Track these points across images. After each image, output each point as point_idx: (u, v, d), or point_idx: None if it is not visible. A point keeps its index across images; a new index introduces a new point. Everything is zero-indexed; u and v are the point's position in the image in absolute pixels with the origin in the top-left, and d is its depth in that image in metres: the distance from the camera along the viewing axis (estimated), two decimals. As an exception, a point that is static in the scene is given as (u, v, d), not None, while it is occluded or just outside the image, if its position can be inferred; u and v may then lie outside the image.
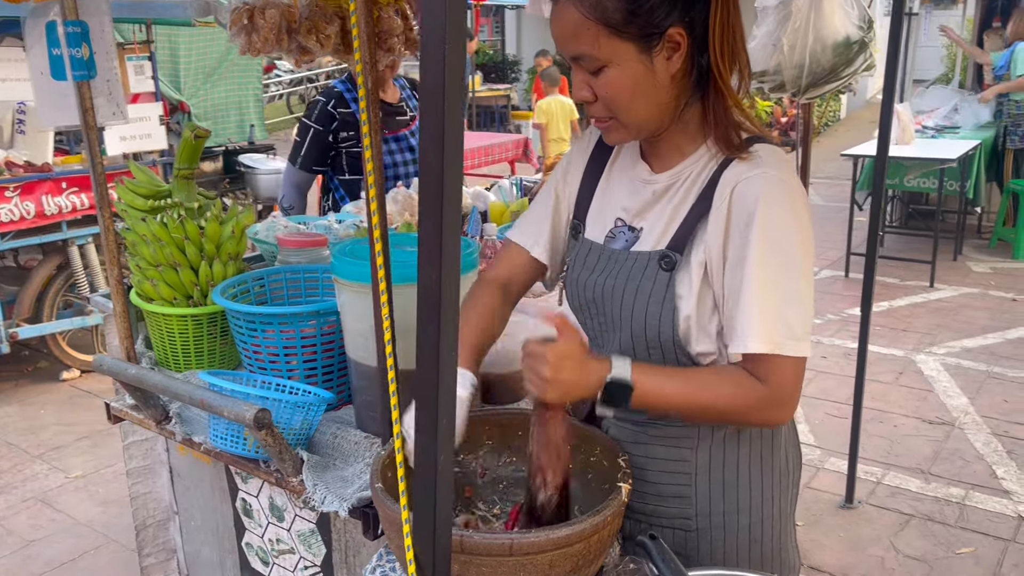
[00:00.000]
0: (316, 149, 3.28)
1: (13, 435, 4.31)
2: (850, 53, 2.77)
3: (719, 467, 1.43)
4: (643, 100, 1.28)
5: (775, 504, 1.47)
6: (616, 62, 1.25)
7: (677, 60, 1.26)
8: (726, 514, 1.44)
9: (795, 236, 1.25)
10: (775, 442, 1.47)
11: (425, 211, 0.99)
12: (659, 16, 1.22)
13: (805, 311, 1.26)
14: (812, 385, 4.60)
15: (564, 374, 1.25)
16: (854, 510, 3.42)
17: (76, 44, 1.83)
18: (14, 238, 4.62)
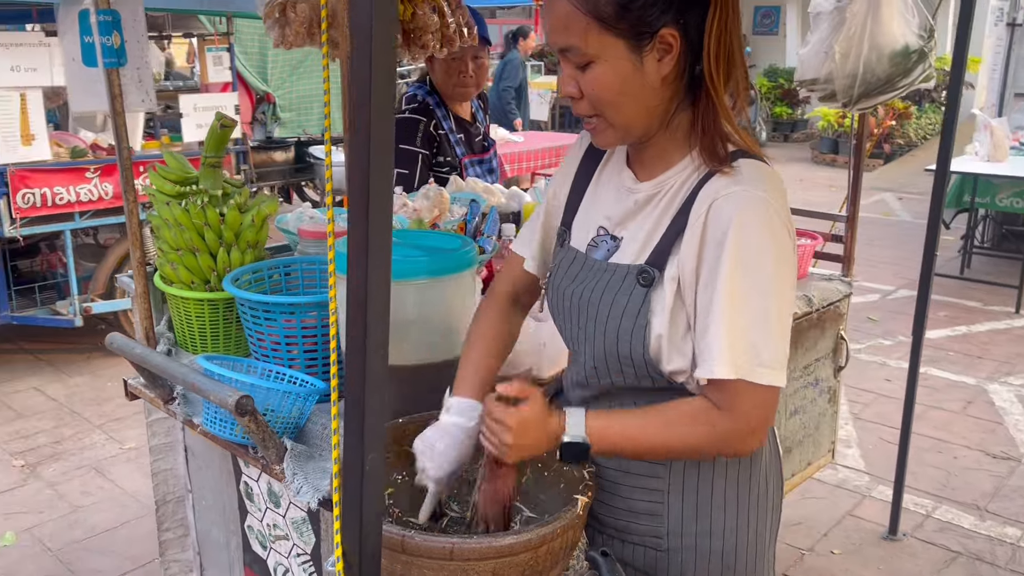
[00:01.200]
0: (426, 175, 2.89)
1: (79, 404, 4.53)
2: (908, 63, 2.64)
3: (692, 487, 1.38)
4: (630, 100, 1.25)
5: (751, 529, 1.42)
6: (604, 58, 1.22)
7: (668, 63, 1.22)
8: (698, 536, 1.39)
9: (770, 258, 1.20)
10: (754, 466, 1.42)
11: (354, 212, 0.99)
12: (652, 15, 1.19)
13: (777, 337, 1.21)
14: (870, 409, 4.42)
15: (526, 440, 1.27)
16: (898, 542, 3.27)
17: (107, 32, 1.90)
18: (93, 217, 4.84)
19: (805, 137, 13.93)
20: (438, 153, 2.94)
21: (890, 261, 7.19)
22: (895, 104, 12.05)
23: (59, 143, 4.90)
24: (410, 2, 2.39)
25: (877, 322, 5.76)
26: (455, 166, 3.00)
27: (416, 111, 2.91)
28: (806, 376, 2.81)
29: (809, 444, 2.93)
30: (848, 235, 2.96)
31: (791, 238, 1.25)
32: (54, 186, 4.60)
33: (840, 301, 2.86)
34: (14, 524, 3.40)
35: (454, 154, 3.00)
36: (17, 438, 4.14)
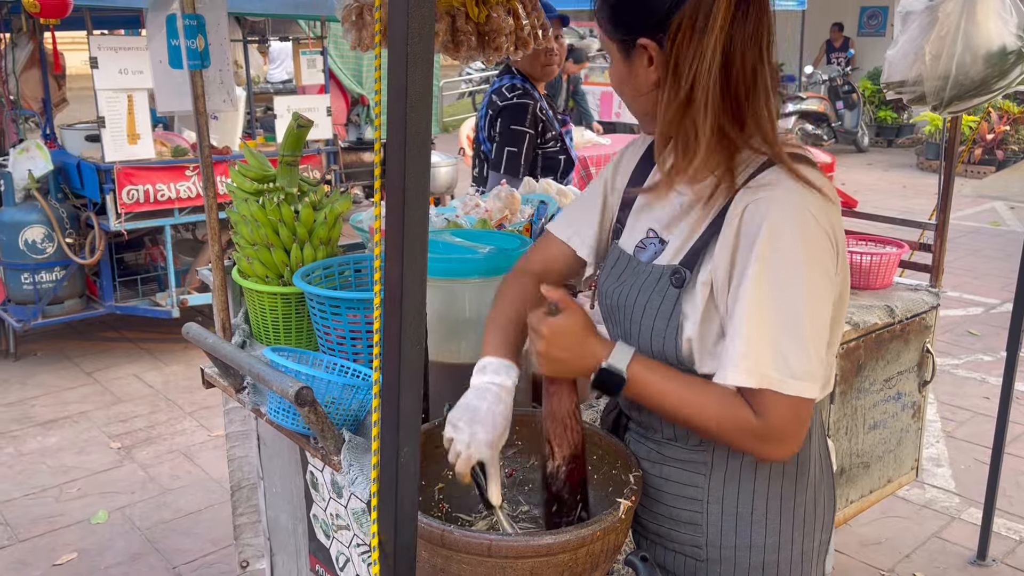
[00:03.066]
0: (531, 153, 3.23)
1: (174, 392, 4.74)
2: (1005, 64, 2.51)
3: (732, 498, 1.35)
4: (631, 98, 1.35)
5: (795, 547, 1.37)
6: (611, 58, 1.35)
7: (654, 71, 1.27)
8: (738, 548, 1.35)
9: (802, 263, 1.16)
10: (800, 481, 1.37)
11: (390, 207, 1.01)
12: (632, 24, 1.27)
13: (809, 347, 1.17)
14: (964, 428, 4.21)
15: (557, 351, 1.27)
16: (986, 568, 3.11)
17: (192, 36, 1.99)
18: (191, 213, 5.07)
19: (911, 143, 13.37)
20: (544, 131, 3.22)
21: (997, 273, 6.85)
22: (1009, 108, 11.45)
23: (163, 142, 5.15)
24: (485, 4, 2.42)
25: (979, 337, 5.49)
26: (559, 138, 3.32)
27: (522, 96, 3.19)
28: (887, 389, 2.70)
29: (890, 460, 2.82)
30: (937, 244, 2.83)
31: (832, 244, 1.20)
32: (156, 183, 4.84)
33: (926, 313, 2.74)
34: (108, 503, 3.58)
35: (555, 129, 3.29)
36: (116, 421, 4.37)
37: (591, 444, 1.56)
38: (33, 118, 5.68)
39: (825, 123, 12.51)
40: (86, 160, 4.95)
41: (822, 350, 1.18)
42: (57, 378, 4.94)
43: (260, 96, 6.94)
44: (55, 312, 5.17)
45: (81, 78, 7.40)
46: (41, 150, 4.94)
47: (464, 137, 7.93)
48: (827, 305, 1.19)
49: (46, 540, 3.33)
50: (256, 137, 5.86)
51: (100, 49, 4.52)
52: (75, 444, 4.12)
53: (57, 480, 3.78)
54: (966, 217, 8.89)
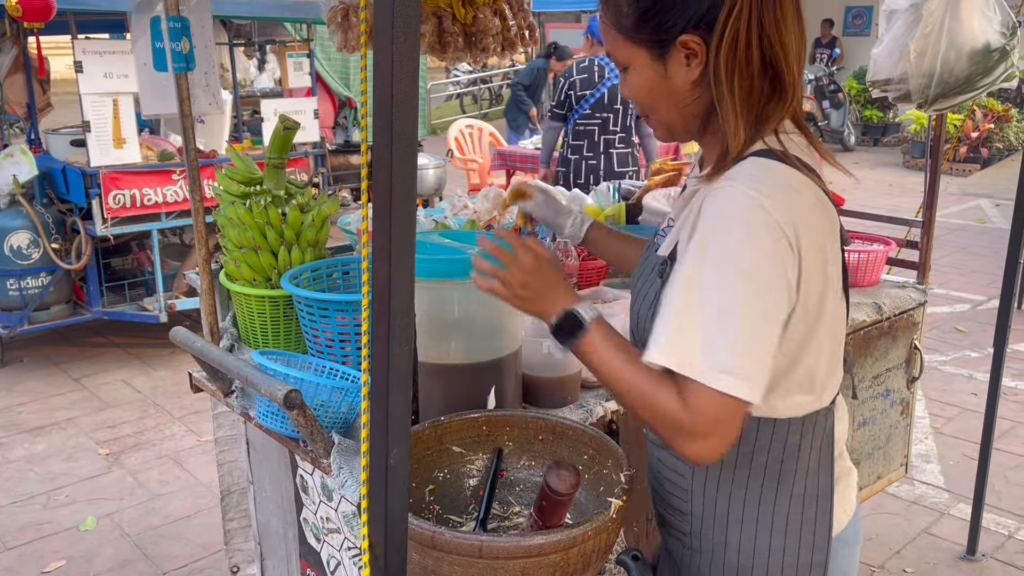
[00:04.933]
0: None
1: (162, 397, 4.71)
2: (989, 61, 2.52)
3: (713, 494, 1.32)
4: (662, 103, 1.28)
5: (772, 556, 1.30)
6: (634, 66, 1.27)
7: (696, 68, 1.21)
8: (715, 544, 1.32)
9: (742, 255, 1.11)
10: (782, 491, 1.29)
11: (378, 208, 1.01)
12: (669, 23, 1.20)
13: (746, 344, 1.10)
14: (953, 423, 4.23)
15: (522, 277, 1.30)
16: (976, 563, 3.12)
17: (177, 38, 1.98)
18: (178, 217, 5.04)
19: (896, 141, 13.44)
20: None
21: (983, 270, 6.89)
22: (994, 106, 11.52)
23: (149, 147, 5.12)
24: (471, 5, 2.41)
25: (966, 333, 5.52)
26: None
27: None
28: (876, 386, 2.71)
29: (879, 457, 2.83)
30: (924, 241, 2.85)
31: (781, 240, 1.12)
32: (142, 187, 4.81)
33: (914, 310, 2.75)
34: (96, 509, 3.56)
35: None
36: (104, 427, 4.34)
37: (582, 444, 1.56)
38: (18, 123, 5.64)
39: (811, 122, 12.56)
40: (71, 165, 4.92)
41: (761, 350, 1.11)
42: (44, 384, 4.90)
43: (247, 99, 6.92)
44: (41, 318, 5.14)
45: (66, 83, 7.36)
46: (26, 155, 4.90)
47: (453, 139, 7.92)
48: (774, 305, 1.12)
49: (34, 547, 3.30)
50: (243, 140, 5.84)
51: (85, 53, 4.49)
52: (63, 451, 4.09)
53: (45, 487, 3.75)
54: (952, 215, 8.94)
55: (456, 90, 18.29)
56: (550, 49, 8.50)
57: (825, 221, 1.20)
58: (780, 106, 1.21)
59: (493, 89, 18.39)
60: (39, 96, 5.69)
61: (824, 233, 1.19)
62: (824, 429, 1.30)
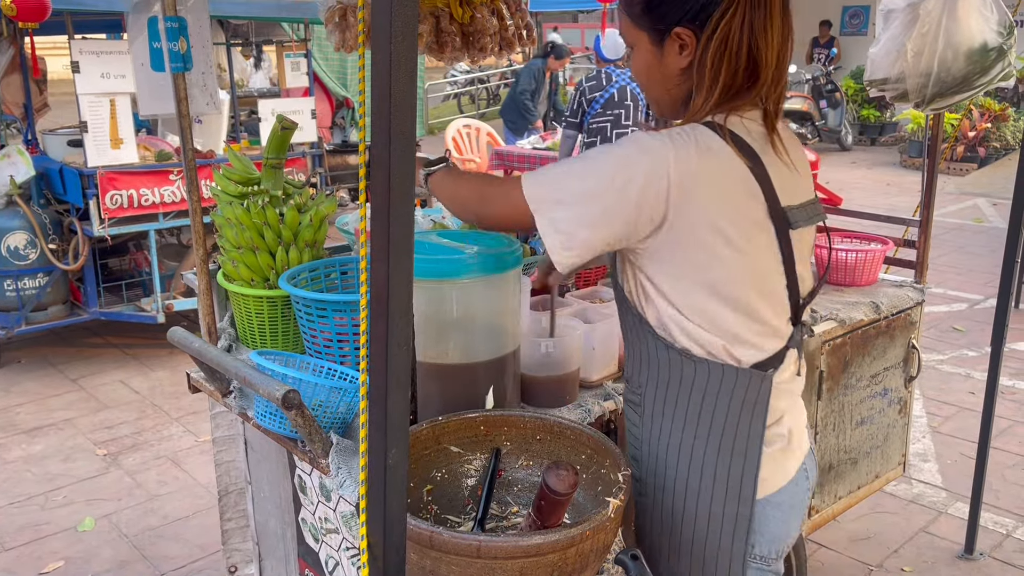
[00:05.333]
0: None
1: (160, 398, 4.71)
2: (986, 61, 2.52)
3: (655, 440, 1.48)
4: (654, 83, 1.45)
5: (701, 503, 1.45)
6: (637, 47, 1.45)
7: (686, 57, 1.38)
8: (656, 489, 1.50)
9: (605, 151, 1.34)
10: (711, 443, 1.43)
11: (376, 208, 1.01)
12: (668, 14, 1.37)
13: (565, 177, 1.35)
14: (950, 422, 4.24)
15: None
16: (974, 562, 3.12)
17: (174, 38, 1.98)
18: (176, 217, 5.04)
19: (894, 141, 13.45)
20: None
21: (980, 269, 6.90)
22: (991, 106, 11.53)
23: (147, 147, 5.12)
24: (469, 5, 2.41)
25: (964, 332, 5.53)
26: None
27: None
28: (873, 385, 2.71)
29: (877, 456, 2.83)
30: (921, 240, 2.85)
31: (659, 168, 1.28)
32: (140, 188, 4.81)
33: (911, 309, 2.75)
34: (95, 510, 3.55)
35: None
36: (101, 428, 4.34)
37: (580, 444, 1.56)
38: (14, 123, 5.63)
39: (809, 122, 12.57)
40: (69, 165, 4.91)
41: (578, 191, 1.31)
42: (41, 385, 4.89)
43: (243, 100, 6.91)
44: (39, 319, 5.13)
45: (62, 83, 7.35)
46: (23, 156, 4.90)
47: (450, 139, 7.92)
48: (601, 173, 1.31)
49: (32, 548, 3.30)
50: (240, 141, 5.83)
51: (82, 53, 4.48)
52: (60, 451, 4.08)
53: (42, 488, 3.74)
54: (949, 214, 8.95)
55: (453, 90, 18.28)
56: (547, 48, 8.50)
57: (729, 185, 1.32)
58: (749, 98, 1.36)
59: (491, 89, 18.38)
60: (36, 96, 5.68)
61: (717, 194, 1.31)
62: (747, 391, 1.40)
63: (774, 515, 1.49)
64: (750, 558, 1.48)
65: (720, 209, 1.31)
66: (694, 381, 1.40)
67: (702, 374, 1.39)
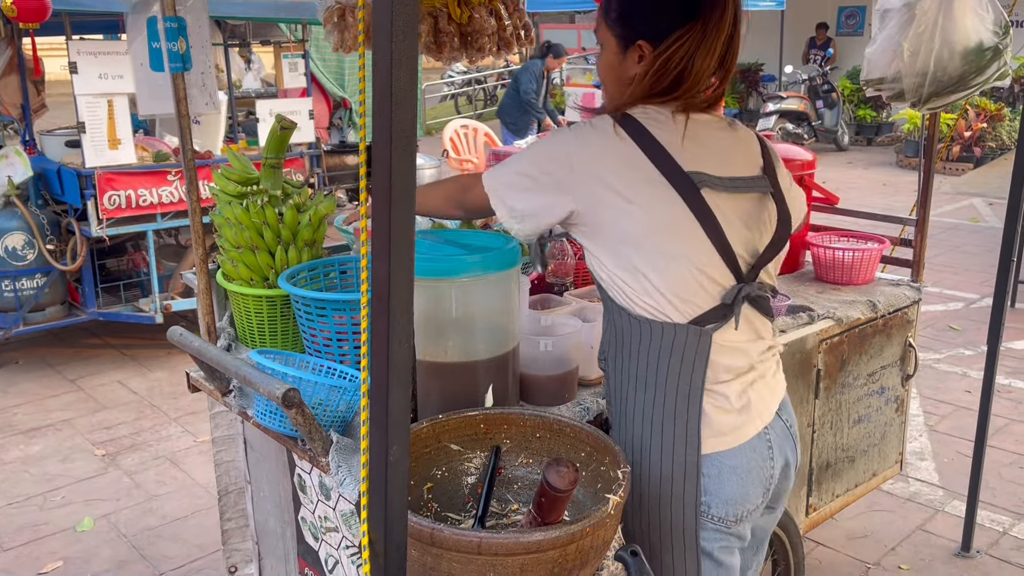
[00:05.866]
0: None
1: (158, 398, 4.71)
2: (982, 60, 2.54)
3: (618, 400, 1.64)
4: (612, 81, 1.66)
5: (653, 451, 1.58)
6: (605, 47, 1.66)
7: (642, 66, 1.59)
8: (623, 416, 1.64)
9: (541, 143, 1.61)
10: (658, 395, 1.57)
11: (377, 205, 1.01)
12: (634, 27, 1.59)
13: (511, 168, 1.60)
14: (947, 421, 4.25)
15: None
16: (970, 560, 3.14)
17: (174, 38, 1.99)
18: (174, 218, 5.04)
19: (890, 141, 13.48)
20: None
21: (976, 268, 6.91)
22: (987, 106, 11.56)
23: (144, 147, 5.11)
24: (467, 5, 2.42)
25: (960, 331, 5.55)
26: None
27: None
28: (871, 384, 2.72)
29: (874, 454, 2.84)
30: (918, 240, 2.86)
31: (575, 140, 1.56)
32: (138, 188, 4.81)
33: (908, 307, 2.76)
34: (93, 510, 3.56)
35: None
36: (100, 428, 4.34)
37: (579, 441, 1.57)
38: (12, 124, 5.63)
39: (806, 122, 12.58)
40: (66, 166, 4.91)
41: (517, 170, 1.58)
42: (39, 386, 4.89)
43: (242, 100, 6.91)
44: (37, 319, 5.13)
45: (59, 84, 7.34)
46: (20, 156, 4.89)
47: (448, 139, 7.92)
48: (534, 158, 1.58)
49: (30, 549, 3.30)
50: (238, 141, 5.83)
51: (79, 54, 4.49)
52: (59, 452, 4.08)
53: (41, 488, 3.75)
54: (945, 214, 8.97)
55: (451, 91, 18.28)
56: (544, 48, 8.51)
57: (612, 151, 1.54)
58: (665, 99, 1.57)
59: (488, 90, 18.39)
60: (33, 97, 5.68)
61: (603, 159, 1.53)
62: (686, 347, 1.53)
63: (729, 478, 1.58)
64: (706, 518, 1.59)
65: (606, 169, 1.53)
66: (640, 340, 1.56)
67: (646, 333, 1.55)
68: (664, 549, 1.59)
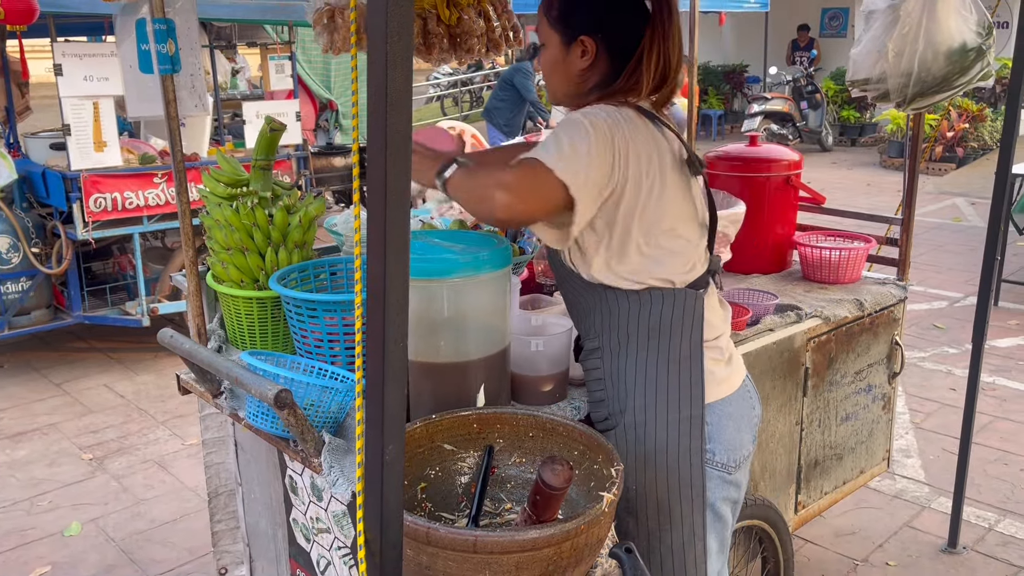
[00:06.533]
0: None
1: (145, 402, 4.69)
2: (966, 61, 2.56)
3: (618, 373, 1.72)
4: (557, 77, 1.76)
5: (659, 412, 1.70)
6: (548, 45, 1.75)
7: (586, 60, 1.70)
8: (623, 414, 1.72)
9: (565, 122, 1.60)
10: (660, 354, 1.70)
11: (372, 205, 1.02)
12: (577, 23, 1.69)
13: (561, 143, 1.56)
14: (932, 419, 4.29)
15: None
16: (957, 556, 3.17)
17: (163, 40, 1.98)
18: (160, 220, 5.02)
19: (873, 141, 13.58)
20: None
21: (960, 268, 6.98)
22: (969, 106, 11.66)
23: (130, 150, 5.09)
24: (456, 7, 2.43)
25: (944, 330, 5.59)
26: None
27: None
28: (858, 382, 2.75)
29: (862, 451, 2.86)
30: (903, 239, 2.89)
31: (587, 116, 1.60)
32: (124, 191, 4.78)
33: (895, 306, 2.79)
34: (81, 515, 3.54)
35: None
36: (87, 432, 4.31)
37: (572, 440, 1.57)
38: (-4, 127, 5.59)
39: (790, 123, 12.66)
40: (51, 169, 4.88)
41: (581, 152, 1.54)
42: (25, 390, 4.86)
43: (227, 102, 6.89)
44: (22, 323, 5.09)
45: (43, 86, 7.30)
46: (5, 159, 4.86)
47: (434, 141, 7.90)
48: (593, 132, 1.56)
49: (18, 554, 3.28)
50: (225, 143, 5.81)
51: (64, 56, 4.46)
52: (45, 456, 4.06)
53: (28, 493, 3.72)
54: (929, 213, 9.04)
55: (436, 92, 18.28)
56: (532, 50, 8.51)
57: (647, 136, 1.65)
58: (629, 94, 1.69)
59: (474, 91, 18.39)
60: (18, 100, 5.64)
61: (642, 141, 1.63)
62: (685, 308, 1.70)
63: (727, 424, 1.77)
64: (711, 466, 1.75)
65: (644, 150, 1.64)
66: (639, 312, 1.69)
67: (646, 302, 1.69)
68: (672, 501, 1.71)
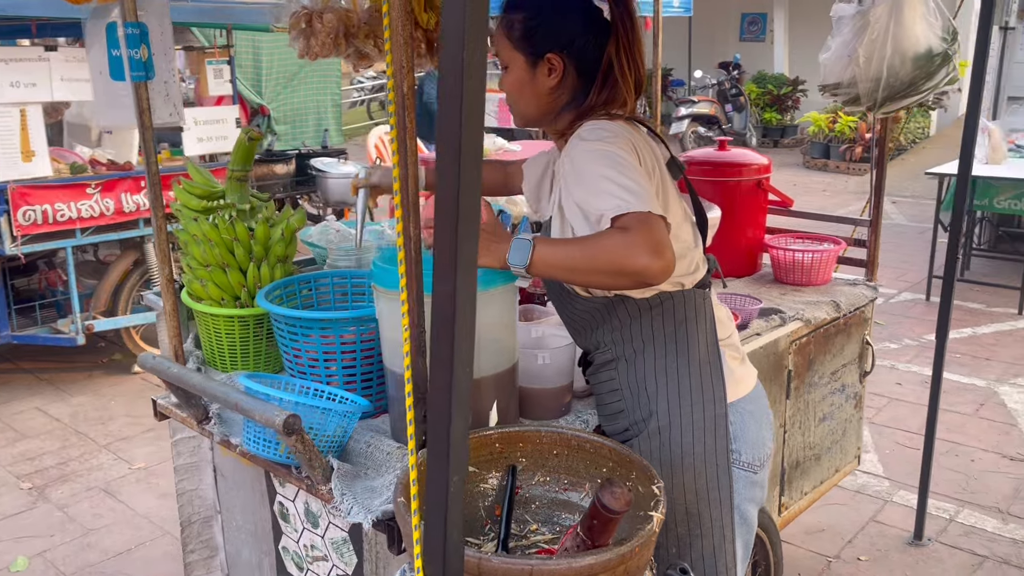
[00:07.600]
0: None
1: (84, 424, 4.45)
2: (931, 66, 2.63)
3: (636, 381, 1.68)
4: (524, 98, 1.72)
5: (684, 413, 1.66)
6: (512, 66, 1.70)
7: (554, 79, 1.67)
8: (646, 420, 1.67)
9: (588, 154, 1.53)
10: (680, 359, 1.67)
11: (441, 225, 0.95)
12: (542, 42, 1.65)
13: (623, 183, 1.47)
14: (883, 413, 4.41)
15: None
16: (923, 548, 3.24)
17: (135, 45, 1.86)
18: (94, 233, 4.77)
19: (795, 142, 13.96)
20: None
21: (890, 264, 7.20)
22: (884, 108, 12.07)
23: (57, 159, 4.83)
24: (433, 10, 2.35)
25: (884, 326, 5.76)
26: None
27: None
28: (833, 382, 2.78)
29: (837, 450, 2.91)
30: (871, 239, 2.95)
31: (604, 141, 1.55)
32: (55, 203, 4.53)
33: (865, 306, 2.84)
34: (25, 548, 3.32)
35: None
36: (22, 460, 4.06)
37: (600, 457, 1.53)
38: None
39: (716, 125, 12.91)
40: (-26, 180, 4.59)
41: (636, 184, 1.47)
42: (-51, 416, 4.56)
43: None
44: (-57, 345, 4.78)
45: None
46: (-79, 171, 4.55)
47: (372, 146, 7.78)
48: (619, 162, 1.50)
49: (-42, 595, 3.06)
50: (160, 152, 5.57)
51: (-13, 61, 4.21)
52: (-21, 487, 3.81)
53: (-37, 528, 3.48)
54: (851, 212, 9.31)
55: (360, 96, 18.02)
56: None
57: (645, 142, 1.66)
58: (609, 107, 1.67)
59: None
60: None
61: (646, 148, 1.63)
62: (696, 308, 1.68)
63: (750, 422, 1.77)
64: (737, 465, 1.74)
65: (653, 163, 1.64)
66: (653, 315, 1.66)
67: (658, 307, 1.66)
68: (701, 506, 1.68)
